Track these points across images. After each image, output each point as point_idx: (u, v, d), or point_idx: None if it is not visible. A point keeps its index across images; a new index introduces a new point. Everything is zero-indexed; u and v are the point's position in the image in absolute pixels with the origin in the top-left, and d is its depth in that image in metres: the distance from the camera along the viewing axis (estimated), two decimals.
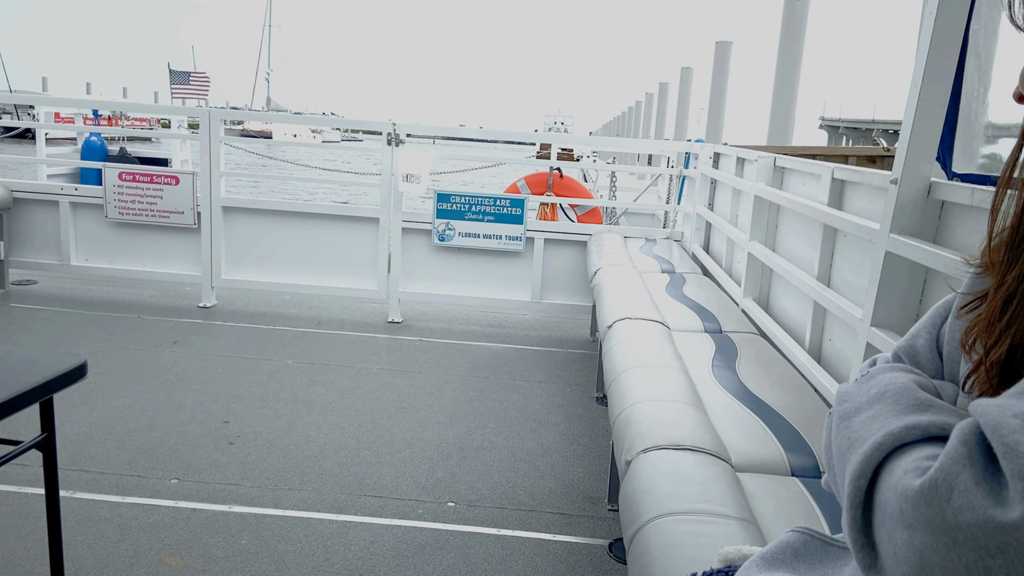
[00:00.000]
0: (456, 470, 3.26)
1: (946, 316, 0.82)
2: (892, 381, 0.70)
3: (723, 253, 4.67)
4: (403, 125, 5.50)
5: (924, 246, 1.94)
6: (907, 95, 2.02)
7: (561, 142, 8.02)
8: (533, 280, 5.71)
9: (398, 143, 5.48)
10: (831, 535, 0.86)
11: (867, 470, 0.59)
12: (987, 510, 0.48)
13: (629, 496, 1.74)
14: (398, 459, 3.33)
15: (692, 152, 5.79)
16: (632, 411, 2.17)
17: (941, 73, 1.95)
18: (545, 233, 5.71)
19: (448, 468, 3.28)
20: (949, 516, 0.49)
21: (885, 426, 0.62)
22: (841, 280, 2.79)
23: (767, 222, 3.70)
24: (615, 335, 2.98)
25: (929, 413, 0.62)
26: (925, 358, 0.81)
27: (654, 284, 4.11)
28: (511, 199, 5.64)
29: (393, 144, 5.47)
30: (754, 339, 3.19)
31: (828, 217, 2.74)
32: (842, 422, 0.70)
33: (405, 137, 5.49)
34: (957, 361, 0.76)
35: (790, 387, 2.59)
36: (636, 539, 1.56)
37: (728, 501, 1.65)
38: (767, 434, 2.16)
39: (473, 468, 3.29)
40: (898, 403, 0.65)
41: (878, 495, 0.58)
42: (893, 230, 2.09)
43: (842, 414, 0.71)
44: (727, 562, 1.05)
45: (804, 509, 1.78)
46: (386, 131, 5.47)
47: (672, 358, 2.67)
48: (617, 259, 4.60)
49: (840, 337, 2.75)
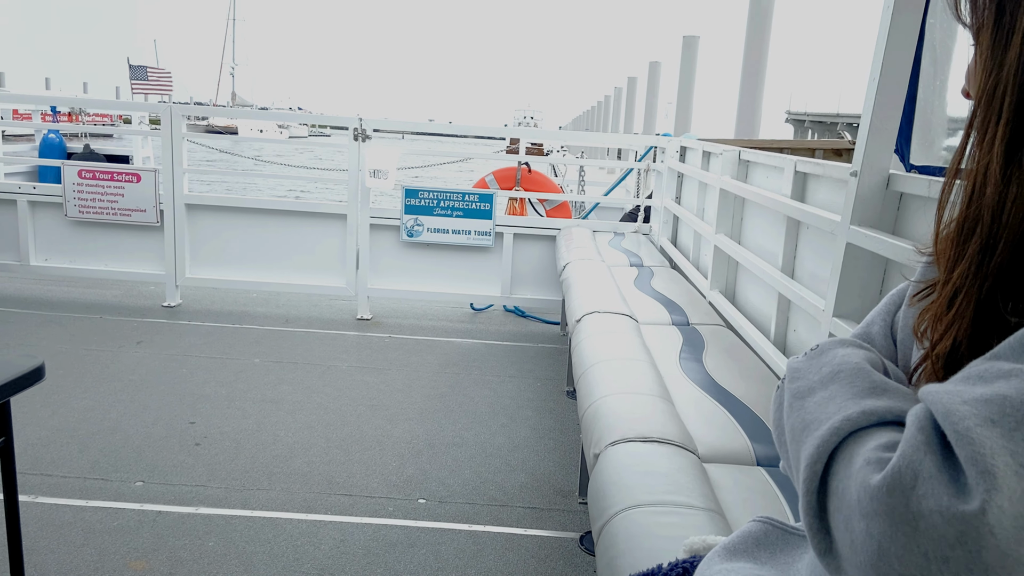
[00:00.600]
0: (427, 467, 3.25)
1: (900, 304, 0.83)
2: (845, 360, 0.70)
3: (690, 246, 4.72)
4: (370, 120, 5.45)
5: (883, 237, 1.97)
6: (866, 89, 2.05)
7: (530, 137, 8.03)
8: (503, 275, 5.71)
9: (365, 138, 5.43)
10: (792, 524, 0.87)
11: (823, 455, 0.60)
12: (948, 499, 0.48)
13: (597, 489, 1.75)
14: (368, 457, 3.31)
15: (659, 146, 5.83)
16: (600, 404, 2.18)
17: (898, 68, 1.99)
18: (514, 228, 5.71)
19: (419, 465, 3.27)
20: (913, 505, 0.50)
21: (841, 410, 0.62)
22: (805, 272, 2.83)
23: (732, 215, 3.74)
24: (584, 329, 2.99)
25: (885, 398, 0.63)
26: (880, 344, 0.82)
27: (622, 278, 4.14)
28: (480, 194, 5.63)
29: (360, 139, 5.42)
30: (721, 331, 3.22)
31: (791, 210, 2.77)
32: (795, 401, 0.70)
33: (372, 132, 5.44)
34: (910, 348, 0.77)
35: (756, 378, 2.63)
36: (604, 531, 1.57)
37: (695, 492, 1.66)
38: (733, 425, 2.19)
39: (444, 464, 3.29)
40: (853, 385, 0.66)
41: (834, 481, 0.58)
42: (853, 222, 2.12)
43: (795, 392, 0.71)
44: (692, 552, 1.06)
45: (769, 498, 1.81)
46: (352, 126, 5.42)
47: (640, 351, 2.69)
48: (586, 253, 4.62)
49: (804, 328, 2.79)
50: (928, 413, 0.54)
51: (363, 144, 5.43)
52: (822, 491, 0.59)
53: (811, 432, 0.63)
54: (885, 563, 0.51)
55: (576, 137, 13.52)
